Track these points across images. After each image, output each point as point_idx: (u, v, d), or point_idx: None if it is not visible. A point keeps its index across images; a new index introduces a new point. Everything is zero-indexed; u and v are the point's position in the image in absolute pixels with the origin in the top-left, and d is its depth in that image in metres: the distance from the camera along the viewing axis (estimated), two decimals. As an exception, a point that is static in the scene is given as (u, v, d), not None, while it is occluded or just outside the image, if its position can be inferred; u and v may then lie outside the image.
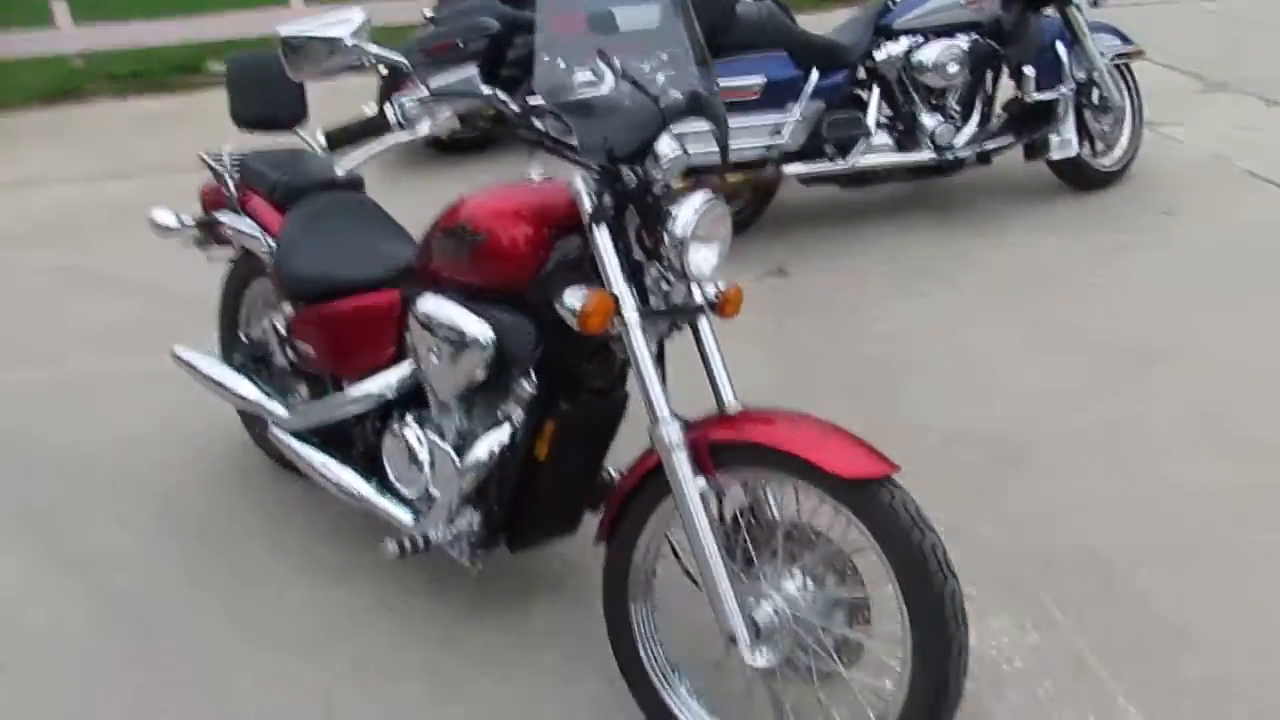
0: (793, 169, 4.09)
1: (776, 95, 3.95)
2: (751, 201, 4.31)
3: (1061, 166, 4.41)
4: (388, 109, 1.80)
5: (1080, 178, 4.45)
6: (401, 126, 1.80)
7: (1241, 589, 2.26)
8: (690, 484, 1.77)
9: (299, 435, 2.57)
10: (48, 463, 3.11)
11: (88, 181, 5.76)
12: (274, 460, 2.96)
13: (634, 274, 1.87)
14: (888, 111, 4.26)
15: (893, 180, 4.35)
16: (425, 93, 1.80)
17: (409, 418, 2.29)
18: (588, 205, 1.85)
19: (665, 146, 1.86)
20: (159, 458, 3.09)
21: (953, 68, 4.14)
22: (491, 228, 1.97)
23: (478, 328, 2.01)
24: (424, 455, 2.24)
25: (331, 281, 2.45)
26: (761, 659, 1.76)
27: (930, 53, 4.15)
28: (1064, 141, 4.25)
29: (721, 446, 1.79)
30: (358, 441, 2.48)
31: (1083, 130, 4.36)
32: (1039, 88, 4.12)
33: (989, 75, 4.30)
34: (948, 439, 2.88)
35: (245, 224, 2.74)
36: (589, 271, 1.91)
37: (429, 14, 6.27)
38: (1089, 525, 2.49)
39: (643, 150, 1.82)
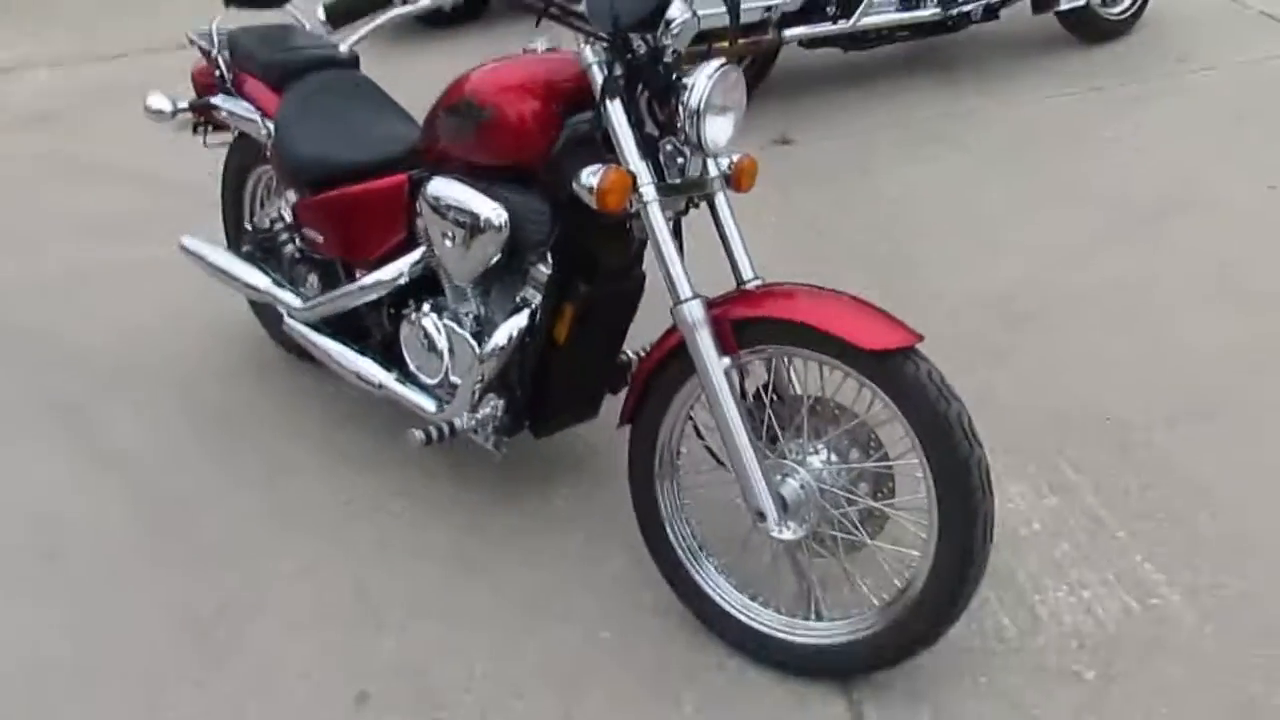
0: (793, 32, 3.96)
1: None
2: (751, 68, 4.18)
3: (1071, 18, 4.27)
4: (384, -20, 1.72)
5: (1090, 29, 4.31)
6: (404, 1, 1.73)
7: (1258, 445, 2.30)
8: (715, 363, 1.77)
9: (314, 325, 2.55)
10: (62, 357, 3.10)
11: (66, 65, 5.58)
12: (289, 351, 2.95)
13: (648, 148, 1.82)
14: (889, -34, 4.11)
15: (896, 40, 4.22)
16: (426, -36, 1.72)
17: (425, 305, 2.28)
18: (599, 78, 1.79)
19: (675, 12, 1.79)
20: (172, 350, 3.08)
21: (957, -86, 3.97)
22: (497, 102, 1.91)
23: (491, 210, 1.97)
24: (442, 342, 2.23)
25: (335, 166, 2.39)
26: (788, 533, 1.79)
27: (933, -101, 3.96)
28: (1074, -10, 4.10)
29: (744, 323, 1.79)
30: (374, 330, 2.47)
31: (1091, -24, 4.21)
32: (1045, -66, 3.95)
33: (994, -79, 4.12)
34: (961, 300, 2.88)
35: (241, 106, 2.65)
36: (602, 147, 1.87)
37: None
38: (1103, 386, 2.51)
39: (653, 17, 1.75)
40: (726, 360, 1.78)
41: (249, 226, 2.88)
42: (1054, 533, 2.11)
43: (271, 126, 2.55)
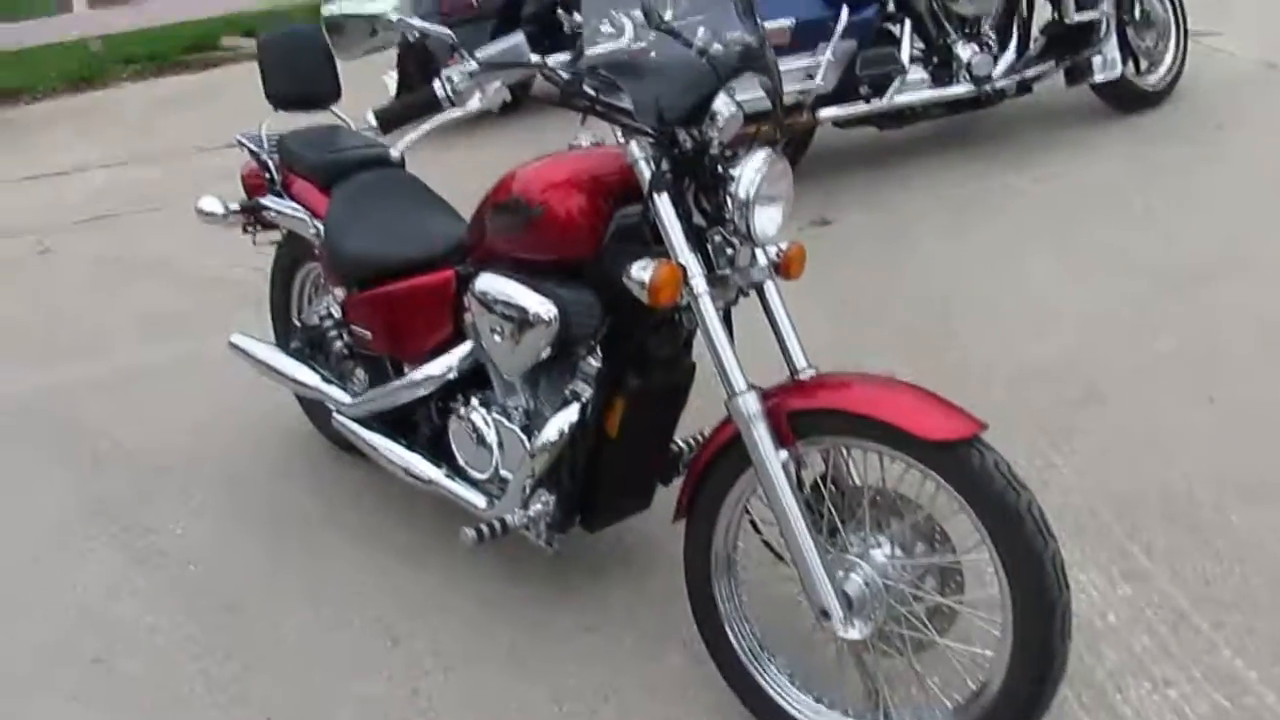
0: (828, 112, 3.99)
1: (807, 36, 3.83)
2: (787, 149, 4.21)
3: (1106, 89, 4.27)
4: (436, 85, 1.75)
5: (1126, 99, 4.31)
6: (452, 103, 1.75)
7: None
8: (772, 456, 1.73)
9: (363, 421, 2.56)
10: (115, 456, 3.12)
11: (119, 166, 5.77)
12: (337, 445, 2.96)
13: (697, 240, 1.82)
14: (920, 45, 4.14)
15: (930, 117, 4.24)
16: (472, 65, 1.74)
17: (474, 400, 2.27)
18: (646, 173, 1.80)
19: (720, 105, 1.80)
20: (223, 446, 3.10)
21: (985, -7, 4.01)
22: (547, 200, 1.93)
23: (540, 305, 1.97)
24: (491, 437, 2.22)
25: (384, 263, 2.42)
26: (854, 631, 1.73)
27: (961, -21, 4.02)
28: (1108, 62, 4.11)
29: (800, 415, 1.76)
30: (422, 425, 2.46)
31: (1126, 48, 4.21)
32: (1079, 7, 3.97)
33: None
34: (1014, 379, 2.83)
35: (290, 207, 2.71)
36: (650, 240, 1.88)
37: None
38: (1171, 463, 2.44)
39: (698, 112, 1.76)
40: (784, 453, 1.75)
41: (297, 323, 2.92)
42: (1132, 625, 2.02)
43: (320, 226, 2.59)
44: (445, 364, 2.31)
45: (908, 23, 4.08)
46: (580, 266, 1.97)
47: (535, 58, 1.80)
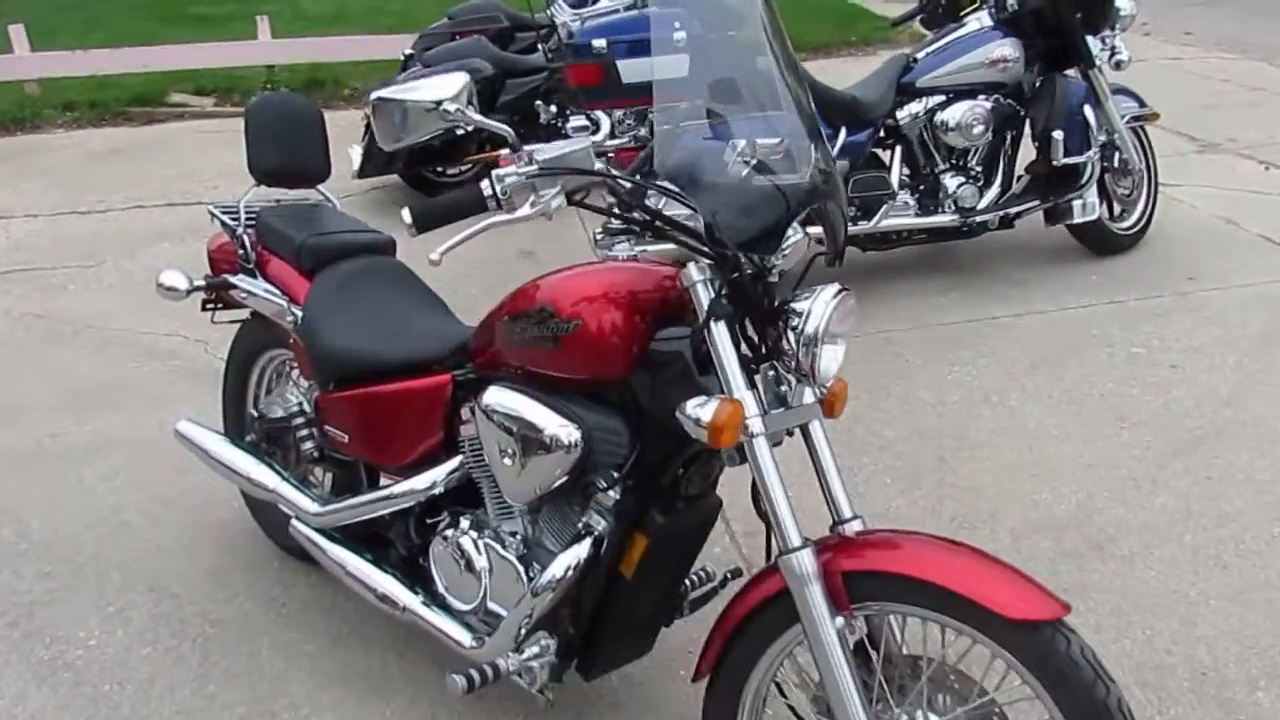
0: (815, 230, 3.91)
1: (803, 153, 3.78)
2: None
3: (1082, 230, 4.31)
4: (484, 185, 1.57)
5: (1100, 241, 4.36)
6: (499, 206, 1.57)
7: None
8: (827, 622, 1.55)
9: (327, 532, 2.29)
10: (20, 546, 2.78)
11: (51, 216, 5.40)
12: (286, 551, 2.68)
13: (747, 375, 1.66)
14: (907, 171, 4.15)
15: (913, 242, 4.22)
16: (531, 168, 1.57)
17: (463, 521, 2.04)
18: (704, 298, 1.63)
19: (791, 230, 1.66)
20: (150, 544, 2.78)
21: (977, 129, 4.04)
22: (583, 315, 1.74)
23: (561, 428, 1.77)
24: (482, 565, 1.99)
25: (370, 361, 2.19)
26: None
27: (954, 113, 4.04)
28: (1087, 205, 4.15)
29: (857, 576, 1.58)
30: (397, 543, 2.21)
31: (1103, 193, 4.28)
32: (1068, 152, 4.02)
33: (1010, 137, 4.20)
34: (1020, 529, 2.70)
35: (263, 288, 2.47)
36: (692, 368, 1.71)
37: (408, 52, 6.08)
38: (1191, 631, 2.31)
39: (771, 238, 1.61)
40: (840, 619, 1.57)
41: (254, 413, 2.64)
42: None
43: (298, 314, 2.36)
44: (430, 478, 2.08)
45: (898, 149, 4.08)
46: (607, 388, 1.79)
47: (600, 165, 1.64)
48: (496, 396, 1.88)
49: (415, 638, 2.38)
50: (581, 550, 1.84)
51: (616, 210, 1.67)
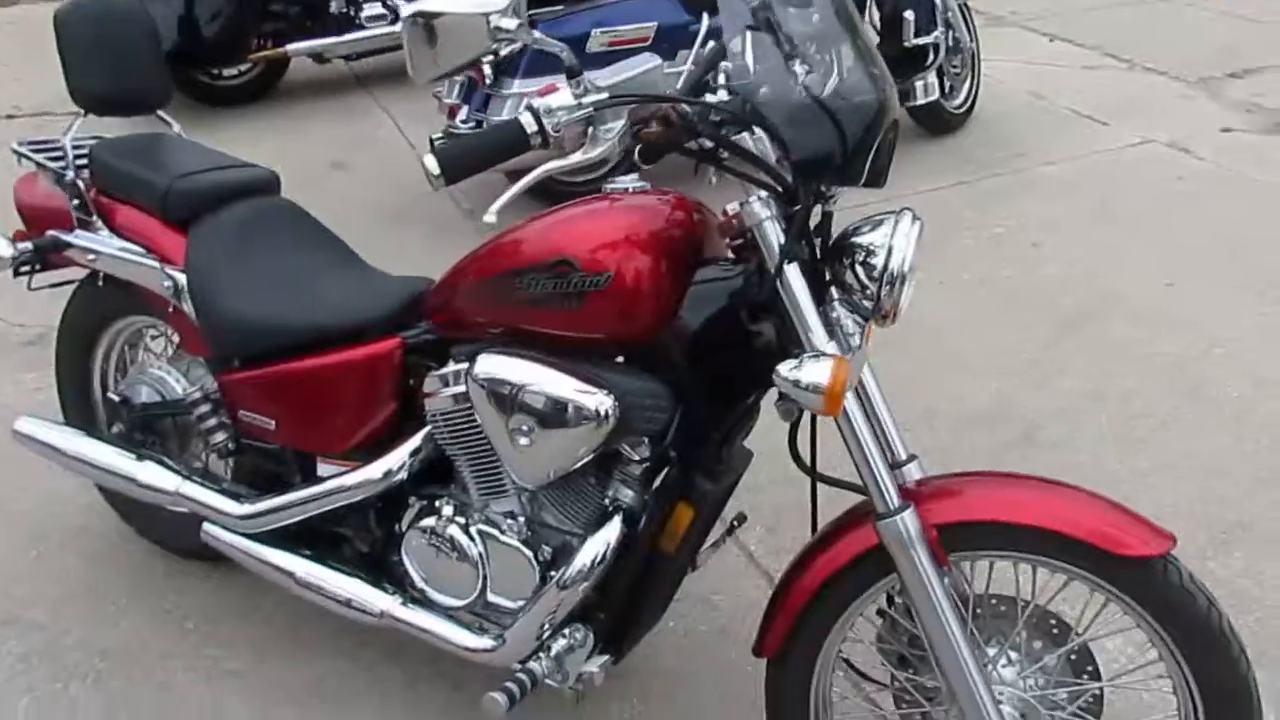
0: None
1: (669, 42, 3.53)
2: (648, 159, 3.89)
3: (921, 111, 4.34)
4: (524, 119, 1.25)
5: (938, 122, 4.42)
6: (545, 144, 1.26)
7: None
8: (937, 585, 1.43)
9: (259, 536, 1.91)
10: None
11: None
12: (170, 550, 2.27)
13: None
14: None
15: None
16: (570, 96, 1.26)
17: (445, 508, 1.75)
18: (775, 239, 1.41)
19: None
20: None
21: (828, 10, 3.92)
22: (616, 265, 1.47)
23: (591, 398, 1.51)
24: (476, 554, 1.72)
25: (293, 331, 1.81)
26: (1021, 772, 1.48)
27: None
28: (929, 85, 4.16)
29: (952, 528, 1.47)
30: (355, 538, 1.88)
31: (940, 73, 4.32)
32: (918, 32, 3.99)
33: (855, 19, 4.12)
34: (956, 426, 2.72)
35: (118, 246, 1.98)
36: (742, 317, 1.51)
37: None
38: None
39: (858, 163, 1.39)
40: (946, 580, 1.45)
41: (113, 398, 2.16)
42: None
43: (178, 278, 1.91)
44: (393, 461, 1.77)
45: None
46: (638, 347, 1.55)
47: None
48: (494, 366, 1.58)
49: (365, 639, 2.09)
50: (613, 530, 1.61)
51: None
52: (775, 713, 1.64)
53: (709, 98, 1.38)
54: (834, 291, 1.48)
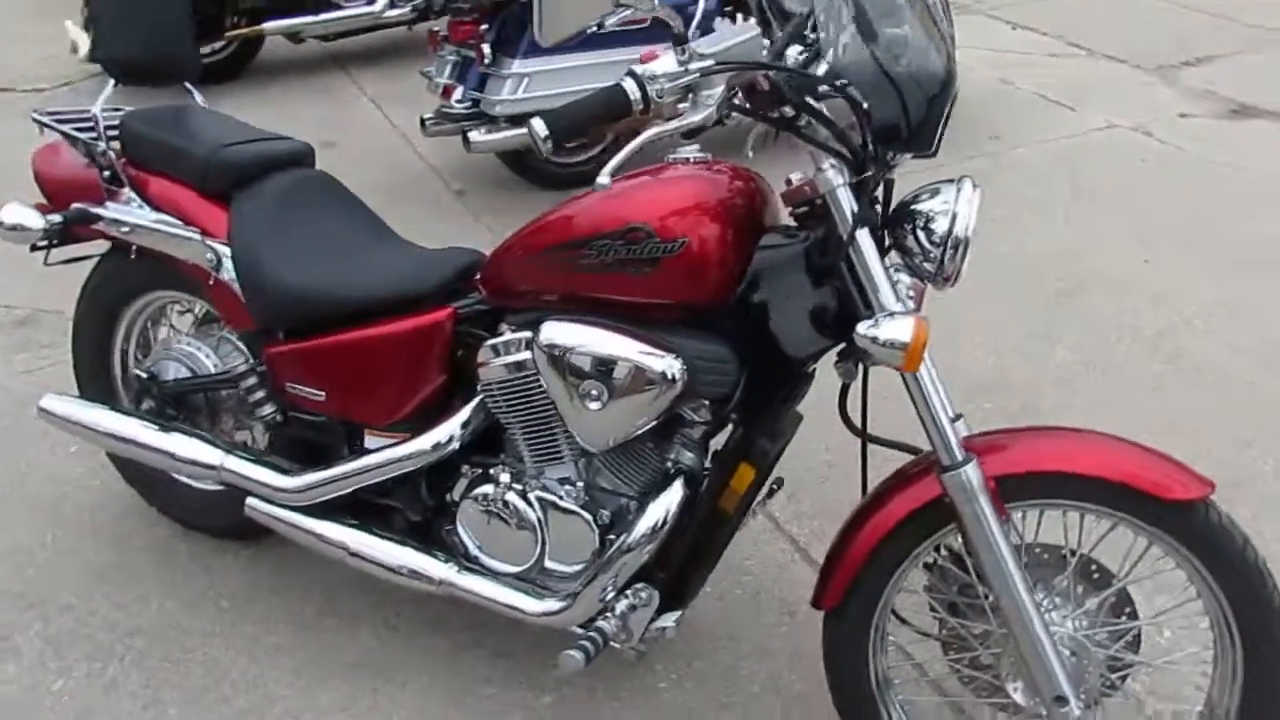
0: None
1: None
2: (614, 146, 3.92)
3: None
4: (627, 84, 1.28)
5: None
6: (646, 110, 1.29)
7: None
8: (999, 535, 1.50)
9: (310, 509, 1.92)
10: None
11: None
12: (192, 528, 2.28)
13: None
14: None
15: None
16: (675, 63, 1.29)
17: (503, 476, 1.78)
18: (848, 206, 1.47)
19: None
20: (9, 551, 2.23)
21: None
22: (690, 232, 1.52)
23: (661, 361, 1.56)
24: (534, 520, 1.76)
25: (345, 302, 1.83)
26: (1080, 707, 1.56)
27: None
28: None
29: (1009, 479, 1.54)
30: (405, 508, 1.90)
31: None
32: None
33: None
34: (960, 394, 2.80)
35: (154, 218, 1.97)
36: (805, 281, 1.56)
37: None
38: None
39: (931, 132, 1.45)
40: (1007, 529, 1.53)
41: (139, 374, 2.14)
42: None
43: (221, 250, 1.90)
44: (447, 431, 1.80)
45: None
46: (704, 312, 1.59)
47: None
48: (561, 331, 1.62)
49: (404, 611, 2.11)
50: (676, 492, 1.66)
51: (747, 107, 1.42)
52: (835, 662, 1.69)
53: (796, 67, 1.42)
54: (894, 256, 1.55)
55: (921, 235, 1.50)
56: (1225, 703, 1.58)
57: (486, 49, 3.45)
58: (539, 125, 1.29)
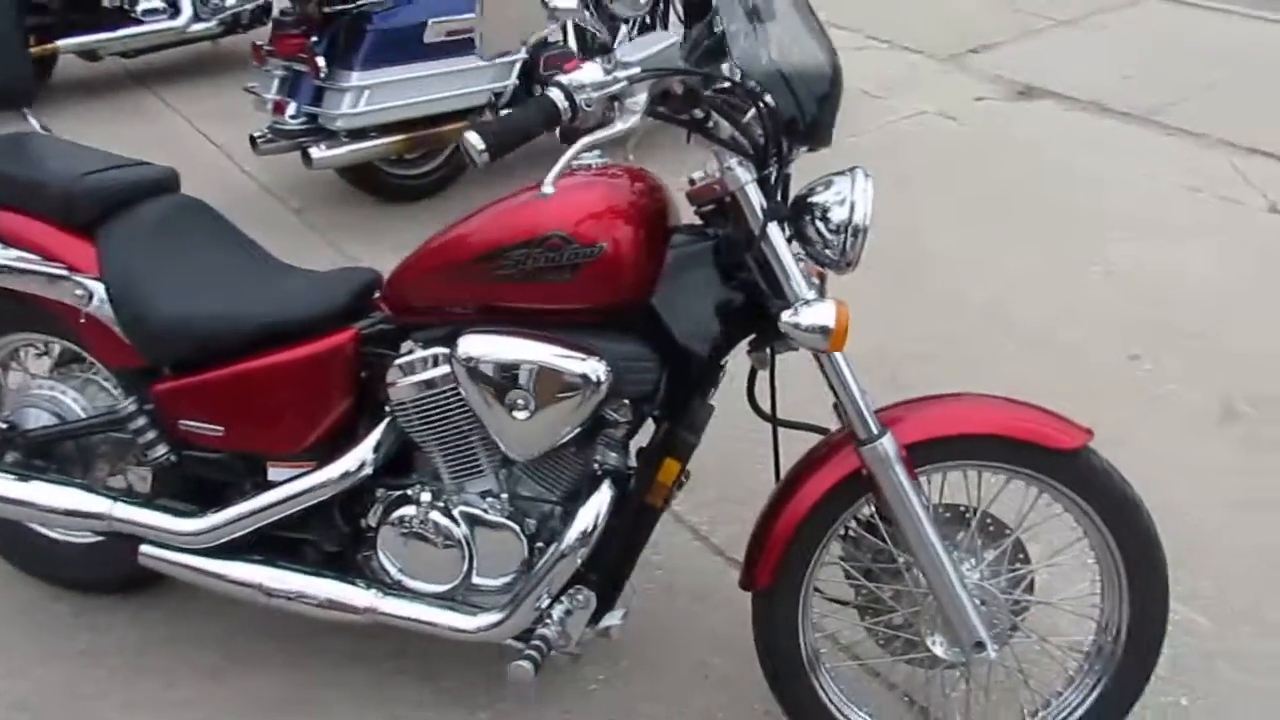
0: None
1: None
2: (454, 157, 3.89)
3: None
4: (554, 94, 1.29)
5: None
6: (573, 119, 1.31)
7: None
8: (915, 500, 1.61)
9: (215, 550, 1.82)
10: None
11: None
12: (58, 583, 2.13)
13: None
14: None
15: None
16: (601, 72, 1.32)
17: (424, 495, 1.76)
18: (757, 201, 1.54)
19: None
20: None
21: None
22: (607, 237, 1.55)
23: (586, 365, 1.59)
24: (460, 537, 1.75)
25: (238, 330, 1.75)
26: (995, 649, 1.70)
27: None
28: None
29: (917, 446, 1.66)
30: (320, 538, 1.84)
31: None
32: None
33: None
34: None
35: (13, 256, 1.82)
36: (715, 276, 1.63)
37: None
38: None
39: (828, 125, 1.55)
40: (921, 493, 1.64)
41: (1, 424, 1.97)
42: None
43: (91, 285, 1.78)
44: (359, 457, 1.77)
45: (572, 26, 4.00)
46: (622, 314, 1.63)
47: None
48: (482, 345, 1.62)
49: (314, 647, 2.04)
50: (604, 494, 1.69)
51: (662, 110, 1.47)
52: (767, 639, 1.77)
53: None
54: (794, 246, 1.63)
55: (820, 225, 1.59)
56: (1114, 626, 1.76)
57: (321, 62, 3.34)
58: (475, 139, 1.29)
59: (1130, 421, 2.70)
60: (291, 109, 3.47)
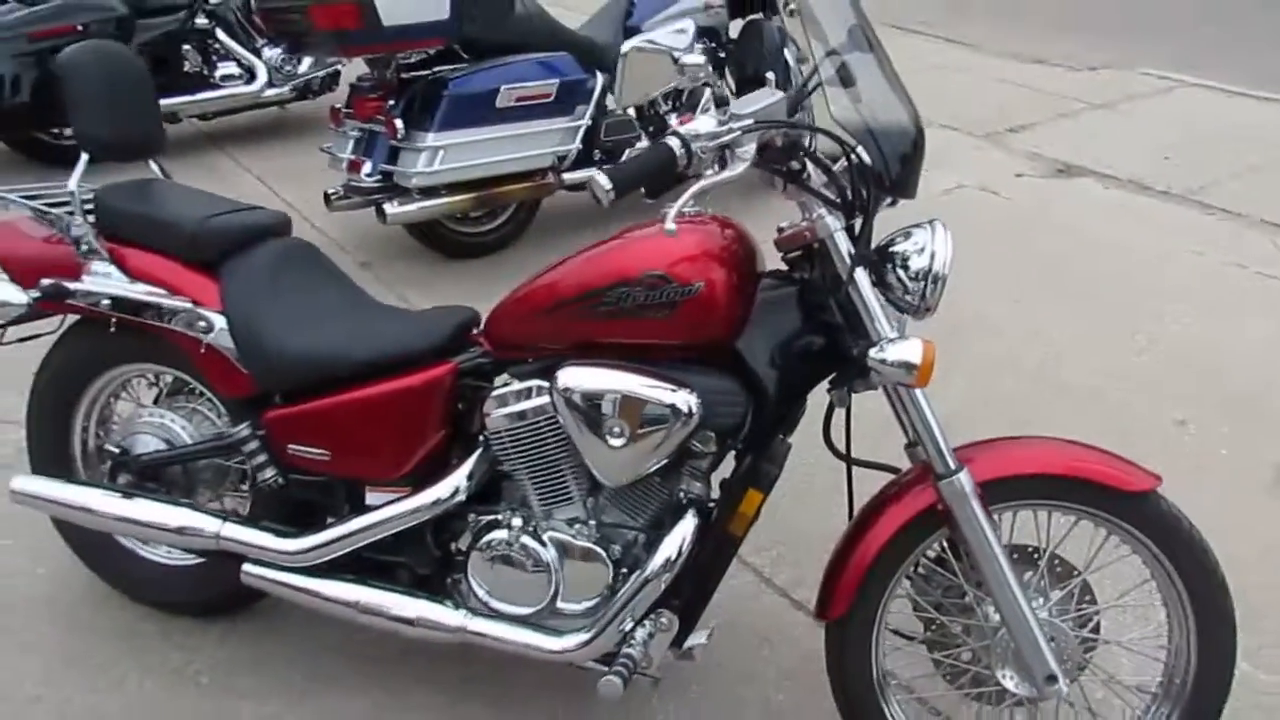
0: (574, 176, 3.92)
1: (568, 98, 3.74)
2: (515, 215, 4.07)
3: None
4: (672, 142, 1.42)
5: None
6: (688, 165, 1.44)
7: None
8: (991, 536, 1.69)
9: (316, 570, 1.92)
10: None
11: None
12: (155, 606, 2.22)
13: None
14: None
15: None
16: (715, 123, 1.45)
17: (515, 521, 1.85)
18: (845, 248, 1.66)
19: None
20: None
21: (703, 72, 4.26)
22: (705, 277, 1.66)
23: (678, 397, 1.69)
24: (550, 561, 1.83)
25: (348, 363, 1.87)
26: (1067, 683, 1.75)
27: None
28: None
29: (992, 484, 1.74)
30: (412, 561, 1.93)
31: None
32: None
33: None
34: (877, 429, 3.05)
35: (143, 290, 1.95)
36: (798, 316, 1.74)
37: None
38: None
39: (914, 179, 1.67)
40: (997, 529, 1.72)
41: (112, 449, 2.09)
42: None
43: (213, 318, 1.91)
44: (454, 483, 1.87)
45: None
46: (712, 351, 1.73)
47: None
48: (580, 376, 1.73)
49: (394, 669, 2.12)
50: (689, 522, 1.78)
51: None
52: (841, 668, 1.83)
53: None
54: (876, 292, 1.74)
55: (901, 272, 1.70)
56: (1182, 670, 1.81)
57: (399, 123, 3.53)
58: (603, 180, 1.42)
59: (1179, 485, 2.76)
60: (367, 167, 3.66)
